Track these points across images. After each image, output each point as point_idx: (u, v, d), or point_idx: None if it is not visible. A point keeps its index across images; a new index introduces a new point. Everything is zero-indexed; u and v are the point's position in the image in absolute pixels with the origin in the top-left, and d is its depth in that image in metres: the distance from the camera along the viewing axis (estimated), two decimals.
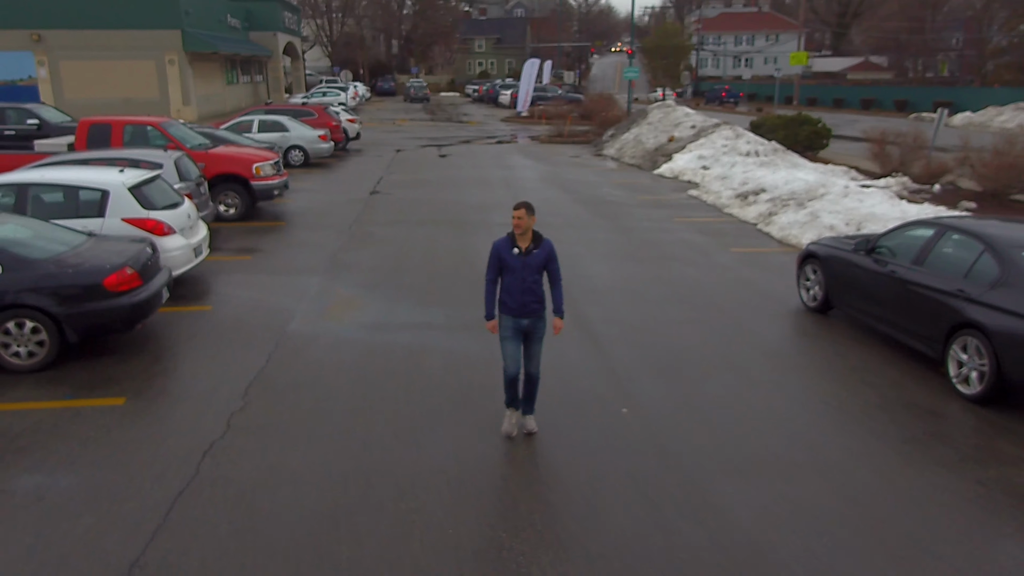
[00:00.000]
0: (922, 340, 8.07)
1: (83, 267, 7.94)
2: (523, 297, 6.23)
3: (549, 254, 6.32)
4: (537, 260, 6.25)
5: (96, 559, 4.93)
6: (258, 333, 9.11)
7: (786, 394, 7.61)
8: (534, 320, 6.33)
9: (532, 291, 6.25)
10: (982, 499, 5.76)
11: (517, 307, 6.26)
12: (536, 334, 6.39)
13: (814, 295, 10.15)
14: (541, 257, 6.27)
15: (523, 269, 6.21)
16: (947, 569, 4.94)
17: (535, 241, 6.28)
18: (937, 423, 7.03)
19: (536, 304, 6.29)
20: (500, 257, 6.28)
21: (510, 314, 6.30)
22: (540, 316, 6.35)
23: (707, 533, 5.29)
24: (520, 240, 6.26)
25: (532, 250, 6.25)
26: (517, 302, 6.25)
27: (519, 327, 6.33)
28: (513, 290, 6.25)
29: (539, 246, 6.28)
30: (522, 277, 6.22)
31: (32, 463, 6.12)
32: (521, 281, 6.22)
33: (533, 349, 6.43)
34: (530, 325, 6.33)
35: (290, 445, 6.45)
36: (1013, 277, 7.17)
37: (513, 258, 6.23)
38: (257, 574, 4.80)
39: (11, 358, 7.76)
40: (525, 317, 6.29)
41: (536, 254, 6.25)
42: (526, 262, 6.22)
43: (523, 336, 6.37)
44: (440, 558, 4.97)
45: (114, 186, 10.09)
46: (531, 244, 6.26)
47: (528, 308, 6.26)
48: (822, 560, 5.01)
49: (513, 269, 6.23)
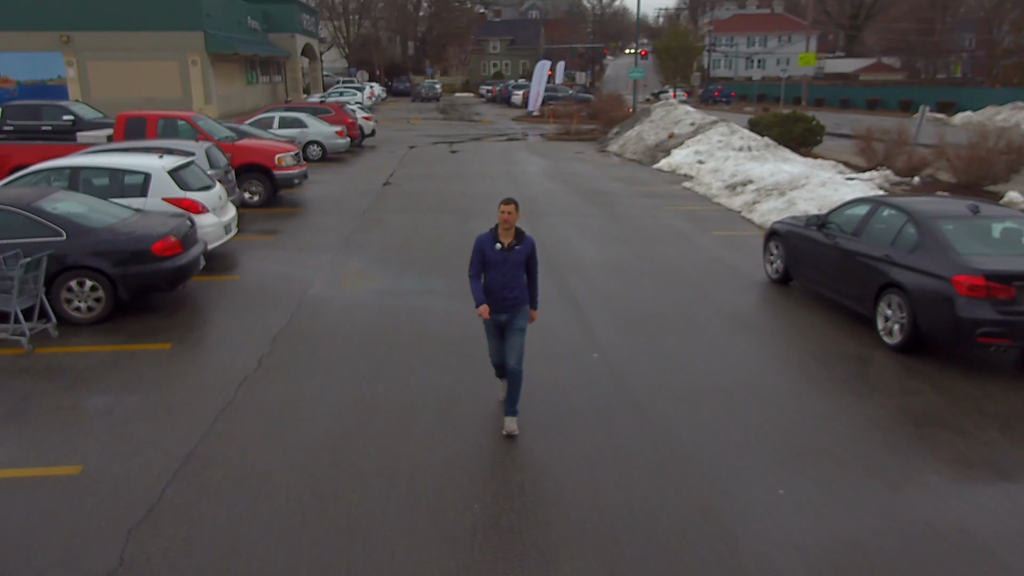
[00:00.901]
0: (857, 300, 9.27)
1: (134, 235, 9.28)
2: (502, 292, 6.33)
3: (531, 250, 6.42)
4: (519, 256, 6.33)
5: (160, 451, 6.23)
6: (281, 297, 10.43)
7: (734, 345, 8.84)
8: (512, 314, 6.43)
9: (511, 285, 6.34)
10: (880, 418, 6.98)
11: (496, 302, 6.36)
12: (515, 325, 6.45)
13: (776, 268, 11.36)
14: (523, 253, 6.36)
15: (504, 264, 6.29)
16: (835, 463, 6.15)
17: (517, 237, 6.36)
18: (861, 367, 8.24)
19: (514, 298, 6.38)
20: (483, 252, 6.35)
21: (490, 309, 6.39)
22: (518, 309, 6.45)
23: (649, 441, 6.53)
24: (503, 236, 6.33)
25: (515, 246, 6.33)
26: (496, 297, 6.34)
27: (498, 322, 6.47)
28: (493, 285, 6.34)
29: (521, 242, 6.37)
30: (503, 272, 6.30)
31: (100, 388, 7.45)
32: (502, 276, 6.30)
33: (513, 340, 6.44)
34: (508, 319, 6.44)
35: (310, 379, 7.74)
36: (928, 242, 8.36)
37: (495, 253, 6.30)
38: (284, 466, 6.08)
39: (73, 312, 9.10)
40: (503, 312, 6.41)
41: (518, 250, 6.34)
42: (508, 257, 6.30)
43: (502, 330, 6.52)
44: (432, 459, 6.21)
45: (155, 169, 11.46)
46: (514, 240, 6.34)
47: (507, 302, 6.37)
48: (735, 458, 6.24)
49: (495, 264, 6.31)
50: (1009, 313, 7.62)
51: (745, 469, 6.07)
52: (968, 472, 6.08)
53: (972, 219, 8.63)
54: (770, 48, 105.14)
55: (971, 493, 5.78)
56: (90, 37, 39.87)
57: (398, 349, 8.55)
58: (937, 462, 6.21)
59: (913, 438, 6.62)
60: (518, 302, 6.41)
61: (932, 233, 8.39)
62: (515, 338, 6.42)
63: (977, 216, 8.69)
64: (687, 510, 5.49)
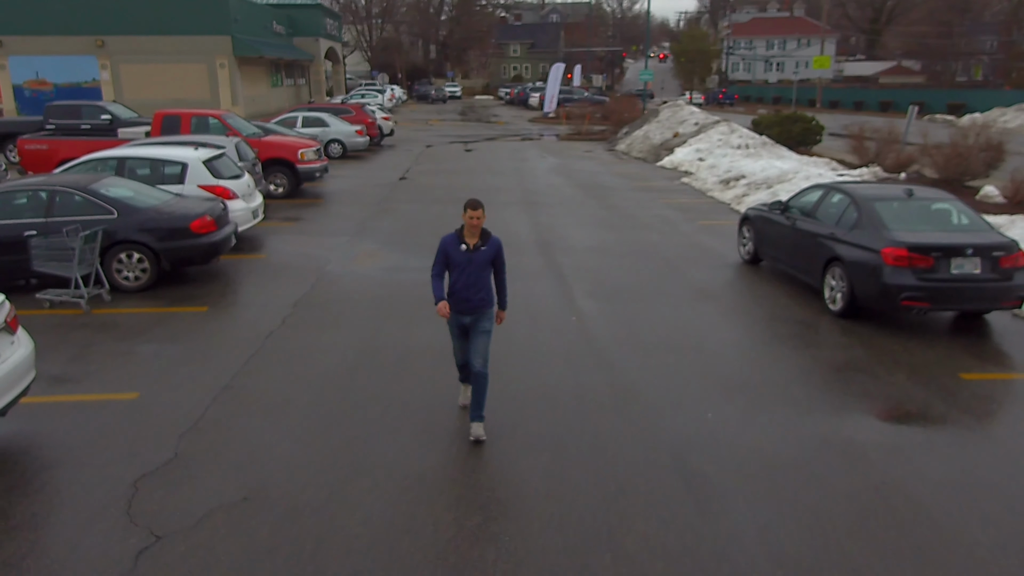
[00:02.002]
0: (809, 274, 10.46)
1: (175, 214, 10.68)
2: (466, 292, 6.25)
3: (496, 251, 6.33)
4: (484, 257, 6.25)
5: (201, 383, 7.57)
6: (302, 272, 11.78)
7: (695, 311, 10.06)
8: (476, 316, 6.35)
9: (476, 286, 6.25)
10: (807, 366, 8.18)
11: (460, 302, 6.29)
12: (479, 327, 6.36)
13: (748, 250, 12.55)
14: (488, 254, 6.27)
15: (468, 265, 6.21)
16: (759, 396, 7.37)
17: (483, 238, 6.26)
18: (804, 329, 9.43)
19: (479, 300, 6.30)
20: (447, 253, 6.27)
21: (453, 310, 6.32)
22: (483, 312, 6.36)
23: (605, 380, 7.78)
24: (468, 237, 6.21)
25: (480, 247, 6.24)
26: (460, 297, 6.27)
27: (461, 324, 6.40)
28: (457, 286, 6.25)
29: (487, 243, 6.27)
30: (467, 272, 6.21)
31: (148, 339, 8.82)
32: (466, 277, 6.21)
33: (477, 342, 6.36)
34: (472, 321, 6.36)
35: (325, 333, 9.07)
36: (865, 221, 9.53)
37: (460, 254, 6.21)
38: (301, 394, 7.38)
39: (123, 280, 10.50)
40: (467, 314, 6.33)
41: (483, 251, 6.24)
42: (472, 258, 6.21)
43: (466, 332, 6.46)
44: (423, 391, 7.49)
45: (192, 159, 12.87)
46: (479, 241, 6.24)
47: (470, 304, 6.29)
48: (676, 393, 7.47)
49: (459, 265, 6.22)
50: (928, 280, 8.78)
51: (683, 401, 7.31)
52: (867, 403, 7.28)
53: (906, 201, 9.80)
54: (788, 51, 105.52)
55: (865, 417, 6.97)
56: (123, 41, 41.68)
57: (401, 311, 9.87)
58: (844, 396, 7.42)
59: (831, 380, 7.83)
60: (483, 304, 6.33)
61: (869, 213, 9.56)
62: (480, 340, 6.35)
63: (911, 199, 9.85)
64: (627, 428, 6.73)
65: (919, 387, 7.67)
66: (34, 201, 10.40)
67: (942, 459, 6.26)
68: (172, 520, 5.27)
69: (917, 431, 6.75)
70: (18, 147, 17.64)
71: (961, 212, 9.68)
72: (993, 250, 8.83)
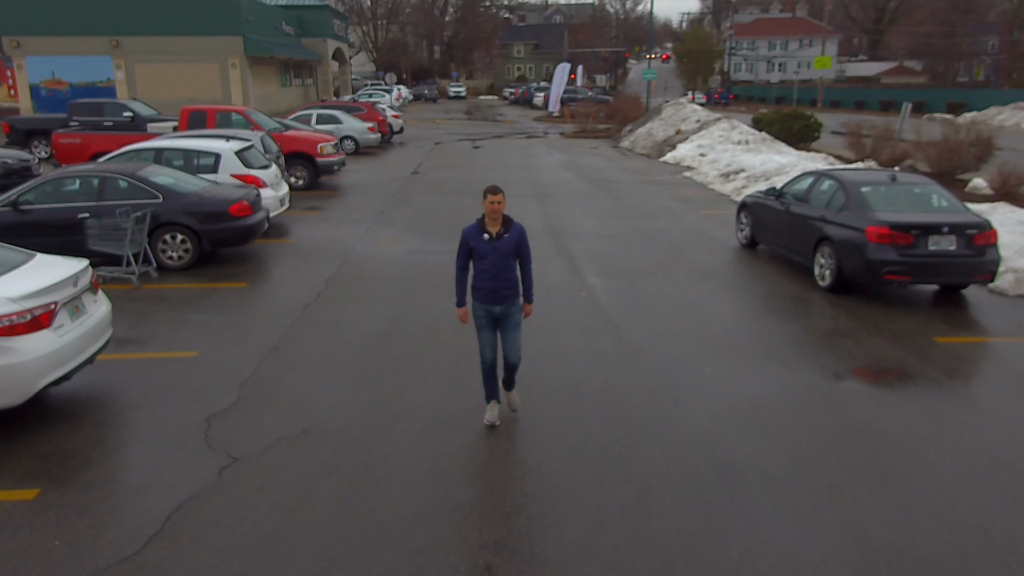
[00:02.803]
0: (801, 254, 11.30)
1: (215, 199, 11.55)
2: (495, 283, 6.14)
3: (520, 237, 6.21)
4: (508, 244, 6.14)
5: (251, 345, 8.44)
6: (329, 254, 12.65)
7: (696, 288, 10.92)
8: (506, 306, 6.24)
9: (504, 277, 6.15)
10: (796, 332, 9.04)
11: (490, 293, 6.19)
12: (511, 320, 6.30)
13: (745, 235, 13.39)
14: (512, 241, 6.15)
15: (494, 254, 6.10)
16: (752, 356, 8.22)
17: (505, 225, 6.16)
18: (795, 302, 10.28)
19: (508, 290, 6.21)
20: (469, 245, 6.18)
21: (482, 301, 6.23)
22: (513, 302, 6.28)
23: (613, 343, 8.64)
24: (490, 225, 6.14)
25: (503, 235, 6.14)
26: (489, 288, 6.17)
27: (491, 314, 6.27)
28: (485, 276, 6.15)
29: (509, 230, 6.16)
30: (493, 262, 6.10)
31: (196, 309, 9.70)
32: (492, 266, 6.11)
33: (510, 337, 6.33)
34: (502, 312, 6.26)
35: (357, 305, 9.94)
36: (852, 203, 10.38)
37: (484, 244, 6.11)
38: (341, 354, 8.25)
39: (167, 259, 11.38)
40: (497, 304, 6.22)
41: (507, 239, 6.14)
42: (496, 247, 6.11)
43: (497, 323, 6.35)
44: (450, 352, 8.34)
45: (224, 150, 13.76)
46: (501, 228, 6.15)
47: (500, 294, 6.18)
48: (678, 352, 8.33)
49: (484, 255, 6.11)
50: (908, 255, 9.63)
51: (683, 359, 8.16)
52: (849, 361, 8.13)
53: (889, 185, 10.64)
54: (791, 52, 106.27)
55: (845, 372, 7.82)
56: (138, 42, 42.62)
57: (424, 287, 10.73)
58: (828, 356, 8.27)
59: (817, 343, 8.68)
60: (513, 294, 6.25)
61: (855, 196, 10.41)
62: (513, 334, 6.34)
63: (894, 183, 10.70)
64: (633, 380, 7.59)
65: (896, 349, 8.52)
66: (86, 186, 11.28)
67: (911, 404, 7.11)
68: (244, 446, 6.14)
69: (891, 383, 7.60)
70: (52, 141, 18.54)
71: (939, 195, 10.52)
72: (967, 228, 9.68)
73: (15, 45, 41.97)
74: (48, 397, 6.92)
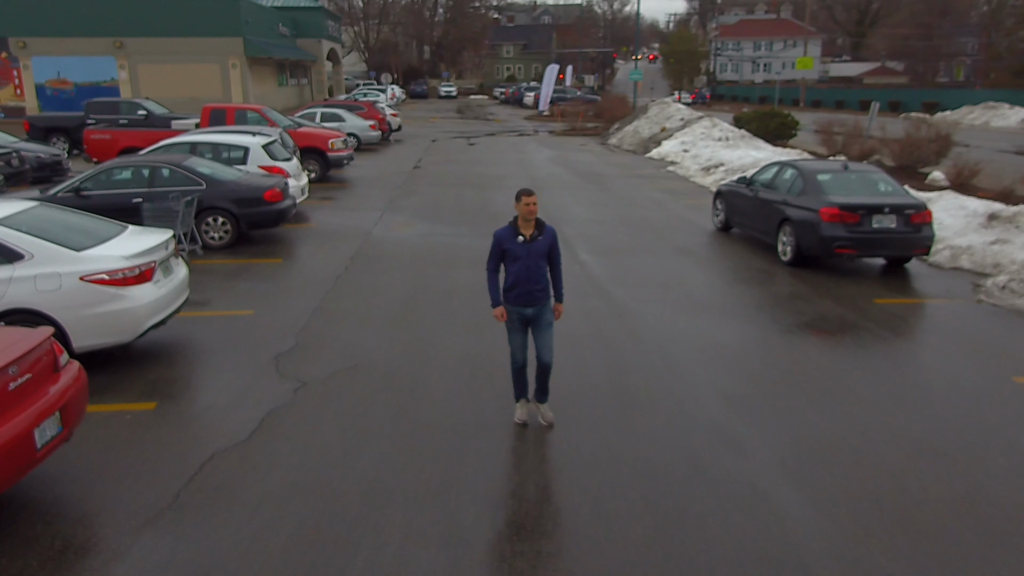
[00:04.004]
0: (767, 234, 12.92)
1: (251, 186, 13.06)
2: (528, 285, 6.20)
3: (552, 239, 6.30)
4: (542, 247, 6.22)
5: (297, 306, 9.97)
6: (349, 236, 14.18)
7: (675, 262, 12.52)
8: (539, 308, 6.31)
9: (535, 278, 6.21)
10: (758, 296, 10.65)
11: (523, 295, 6.24)
12: (543, 320, 6.37)
13: (720, 220, 15.01)
14: (546, 244, 6.24)
15: (528, 257, 6.16)
16: (718, 312, 9.82)
17: (539, 228, 6.24)
18: (760, 274, 11.89)
19: (540, 292, 6.27)
20: (503, 248, 6.24)
21: (515, 303, 6.29)
22: (545, 303, 6.35)
23: (603, 303, 10.21)
24: (524, 227, 6.21)
25: (536, 237, 6.21)
26: (522, 290, 6.22)
27: (524, 316, 6.33)
28: (519, 279, 6.19)
29: (543, 232, 6.25)
30: (527, 265, 6.16)
31: (242, 279, 11.22)
32: (526, 269, 6.16)
33: (543, 337, 6.38)
34: (535, 313, 6.32)
35: (382, 275, 11.48)
36: (809, 189, 12.00)
37: (518, 246, 6.17)
38: (375, 312, 9.78)
39: (209, 239, 12.88)
40: (530, 306, 6.28)
41: (540, 241, 6.22)
42: (530, 249, 6.17)
43: (529, 324, 6.40)
44: (465, 312, 9.87)
45: (252, 144, 15.27)
46: (535, 231, 6.23)
47: (533, 296, 6.24)
48: (657, 310, 9.91)
49: (518, 257, 6.17)
50: (856, 232, 11.25)
51: (663, 315, 9.75)
52: (799, 317, 9.75)
53: (842, 173, 12.28)
54: (775, 52, 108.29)
55: (795, 324, 9.43)
56: (141, 43, 43.90)
57: (438, 262, 12.29)
58: (783, 313, 9.89)
59: (774, 304, 10.31)
60: (545, 295, 6.34)
61: (811, 182, 12.04)
62: (546, 334, 6.40)
63: (846, 171, 12.33)
64: (622, 331, 9.17)
65: (840, 308, 10.14)
66: (138, 175, 12.77)
67: (847, 346, 8.74)
68: (309, 375, 7.69)
69: (833, 332, 9.22)
70: (84, 137, 19.96)
71: (885, 182, 12.17)
72: (906, 209, 11.32)
73: (22, 46, 43.20)
74: (148, 338, 8.43)
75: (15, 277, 7.24)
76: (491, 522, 5.26)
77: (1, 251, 7.30)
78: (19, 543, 4.98)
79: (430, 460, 6.08)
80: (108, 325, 7.45)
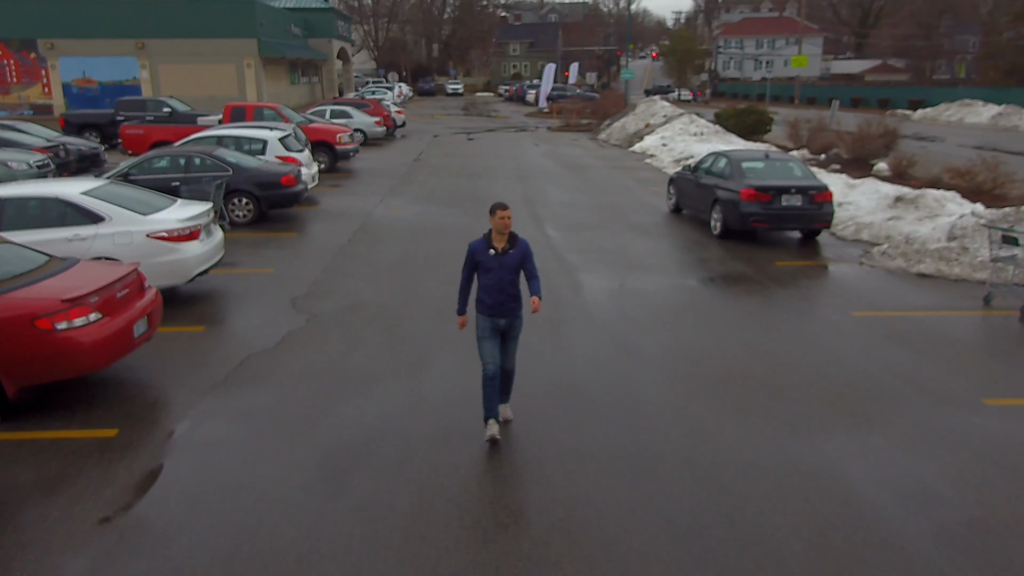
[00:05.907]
0: (704, 212, 15.30)
1: (270, 172, 15.54)
2: (499, 296, 6.32)
3: (524, 253, 6.37)
4: (513, 260, 6.31)
5: (308, 267, 12.43)
6: (353, 216, 16.64)
7: (629, 237, 14.92)
8: (511, 319, 6.46)
9: (507, 291, 6.32)
10: (690, 260, 13.05)
11: (494, 306, 6.35)
12: (512, 332, 6.54)
13: (673, 203, 17.39)
14: (516, 257, 6.33)
15: (499, 269, 6.28)
16: (655, 272, 12.21)
17: (511, 241, 6.33)
18: (694, 244, 14.27)
19: (512, 303, 6.37)
20: (475, 259, 6.39)
21: (487, 314, 6.40)
22: (516, 315, 6.47)
23: (558, 264, 12.61)
24: (496, 241, 6.32)
25: (508, 250, 6.31)
26: (494, 300, 6.34)
27: (496, 327, 6.44)
28: (490, 290, 6.32)
29: (515, 246, 6.34)
30: (499, 276, 6.28)
31: (264, 247, 13.69)
32: (498, 280, 6.29)
33: (510, 347, 6.57)
34: (507, 324, 6.47)
35: (379, 245, 13.93)
36: (734, 174, 14.36)
37: (489, 259, 6.29)
38: (374, 271, 12.21)
39: (235, 217, 15.37)
40: (502, 317, 6.40)
41: (512, 254, 6.31)
42: (502, 262, 6.28)
43: (500, 335, 6.50)
44: (448, 272, 12.27)
45: (270, 137, 17.76)
46: (507, 244, 6.32)
47: (505, 307, 6.36)
48: (604, 270, 12.31)
49: (489, 269, 6.30)
50: (768, 209, 13.62)
51: (607, 273, 12.15)
52: (711, 274, 12.14)
53: (763, 160, 14.64)
54: (776, 50, 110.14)
55: (708, 278, 11.81)
56: (161, 44, 46.52)
57: (428, 236, 14.73)
58: (701, 271, 12.28)
59: (696, 265, 12.70)
60: (517, 308, 6.45)
61: (737, 168, 14.41)
62: (513, 345, 6.62)
63: (767, 159, 14.70)
64: (570, 285, 11.56)
65: (747, 268, 12.53)
66: (175, 163, 15.26)
67: (745, 294, 11.13)
68: (319, 310, 10.15)
69: (736, 284, 11.61)
70: (120, 132, 22.53)
71: (798, 167, 14.54)
72: (810, 190, 13.68)
73: (49, 47, 45.89)
74: (194, 285, 10.89)
75: (99, 234, 9.73)
76: (444, 391, 7.70)
77: (89, 215, 9.79)
78: (125, 398, 7.46)
79: (405, 357, 8.54)
80: (167, 271, 9.91)
